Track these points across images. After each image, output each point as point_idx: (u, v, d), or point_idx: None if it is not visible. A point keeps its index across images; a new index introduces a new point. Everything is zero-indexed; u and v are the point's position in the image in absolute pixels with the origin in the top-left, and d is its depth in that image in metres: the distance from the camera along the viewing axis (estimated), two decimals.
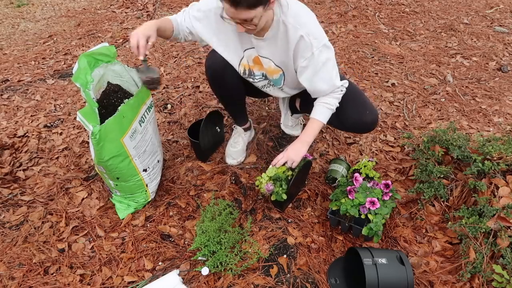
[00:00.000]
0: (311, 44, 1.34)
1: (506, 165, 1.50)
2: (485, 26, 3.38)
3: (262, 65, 1.53)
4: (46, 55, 3.10)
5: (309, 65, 1.40)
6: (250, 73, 1.58)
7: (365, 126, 1.60)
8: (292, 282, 1.37)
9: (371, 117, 1.55)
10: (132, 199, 1.64)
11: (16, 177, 1.83)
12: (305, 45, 1.35)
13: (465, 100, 2.41)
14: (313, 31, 1.35)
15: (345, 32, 3.30)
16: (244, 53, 1.52)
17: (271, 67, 1.51)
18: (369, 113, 1.55)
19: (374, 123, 1.57)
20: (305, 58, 1.38)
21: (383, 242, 1.51)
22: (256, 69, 1.56)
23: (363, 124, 1.57)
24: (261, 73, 1.58)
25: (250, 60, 1.54)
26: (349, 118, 1.57)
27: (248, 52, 1.51)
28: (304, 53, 1.37)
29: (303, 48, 1.36)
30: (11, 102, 2.45)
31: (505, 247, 1.29)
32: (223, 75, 1.58)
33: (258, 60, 1.52)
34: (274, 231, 1.57)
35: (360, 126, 1.61)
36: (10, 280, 1.39)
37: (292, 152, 1.53)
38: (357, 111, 1.55)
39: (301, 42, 1.35)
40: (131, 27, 3.52)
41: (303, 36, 1.33)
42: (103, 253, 1.50)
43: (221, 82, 1.63)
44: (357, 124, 1.58)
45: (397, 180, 1.79)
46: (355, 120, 1.57)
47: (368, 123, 1.57)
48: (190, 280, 1.39)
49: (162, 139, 2.07)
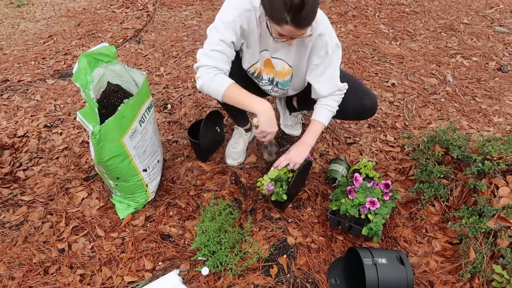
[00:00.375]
0: (327, 43, 1.36)
1: (506, 165, 1.50)
2: (485, 26, 3.38)
3: (273, 68, 1.52)
4: (46, 55, 3.10)
5: (321, 63, 1.42)
6: (258, 75, 1.58)
7: (365, 111, 1.63)
8: (292, 282, 1.37)
9: (370, 101, 1.58)
10: (132, 199, 1.64)
11: (16, 177, 1.83)
12: (321, 43, 1.37)
13: (465, 100, 2.41)
14: (328, 30, 1.37)
15: (345, 32, 3.30)
16: (260, 55, 1.50)
17: (284, 68, 1.51)
18: (368, 98, 1.57)
19: (373, 107, 1.60)
20: (319, 56, 1.40)
21: (383, 242, 1.51)
22: (265, 73, 1.56)
23: (363, 109, 1.60)
24: (268, 77, 1.57)
25: (262, 63, 1.53)
26: (349, 105, 1.58)
27: (262, 54, 1.49)
28: (319, 52, 1.39)
29: (320, 47, 1.38)
30: (11, 102, 2.45)
31: (505, 247, 1.29)
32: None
33: (269, 62, 1.51)
34: (274, 231, 1.57)
35: (360, 112, 1.63)
36: (10, 280, 1.39)
37: (295, 154, 1.54)
38: (356, 97, 1.57)
39: (318, 40, 1.36)
40: (131, 27, 3.52)
41: (321, 34, 1.35)
42: (103, 253, 1.50)
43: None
44: (357, 109, 1.60)
45: (397, 180, 1.79)
46: (354, 106, 1.59)
47: (367, 108, 1.60)
48: (190, 280, 1.39)
49: (162, 139, 2.07)
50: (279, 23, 1.16)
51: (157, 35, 3.38)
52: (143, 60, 2.95)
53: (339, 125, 2.17)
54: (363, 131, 2.13)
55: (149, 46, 3.17)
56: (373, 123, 2.18)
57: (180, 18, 3.69)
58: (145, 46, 3.17)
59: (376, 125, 2.17)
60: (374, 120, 2.21)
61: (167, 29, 3.49)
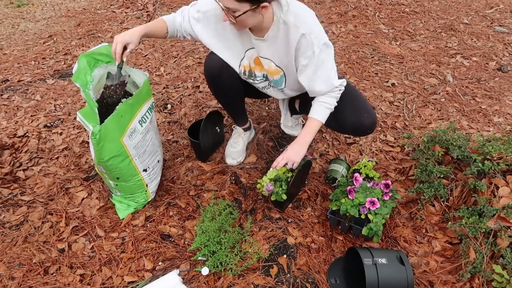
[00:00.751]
0: (312, 42, 1.34)
1: (506, 165, 1.50)
2: (485, 26, 3.38)
3: (263, 66, 1.53)
4: (46, 55, 3.10)
5: (309, 64, 1.40)
6: (250, 74, 1.58)
7: (363, 129, 1.60)
8: (292, 282, 1.37)
9: (369, 120, 1.55)
10: (132, 199, 1.64)
11: (16, 177, 1.83)
12: (306, 43, 1.35)
13: (465, 100, 2.41)
14: (314, 30, 1.35)
15: (345, 32, 3.30)
16: (246, 54, 1.51)
17: (271, 67, 1.51)
18: (367, 116, 1.54)
19: (372, 126, 1.57)
20: (306, 56, 1.38)
21: (383, 242, 1.51)
22: (257, 70, 1.56)
23: (361, 126, 1.57)
24: (262, 74, 1.57)
25: (252, 61, 1.53)
26: (347, 121, 1.57)
27: (250, 52, 1.50)
28: (305, 52, 1.37)
29: (305, 47, 1.36)
30: (11, 102, 2.45)
31: (505, 247, 1.29)
32: (220, 76, 1.58)
33: (259, 60, 1.51)
34: (274, 231, 1.57)
35: (358, 129, 1.61)
36: (10, 280, 1.39)
37: (292, 153, 1.52)
38: (355, 114, 1.55)
39: (303, 40, 1.34)
40: (131, 27, 3.52)
41: (305, 34, 1.33)
42: (103, 253, 1.50)
43: (218, 83, 1.63)
44: (355, 126, 1.58)
45: (397, 180, 1.79)
46: (353, 123, 1.56)
47: (366, 126, 1.57)
48: (190, 280, 1.39)
49: (162, 139, 2.07)
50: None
51: None
52: (143, 60, 2.95)
53: None
54: None
55: (149, 46, 3.17)
56: None
57: None
58: (145, 46, 3.17)
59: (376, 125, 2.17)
60: None
61: None
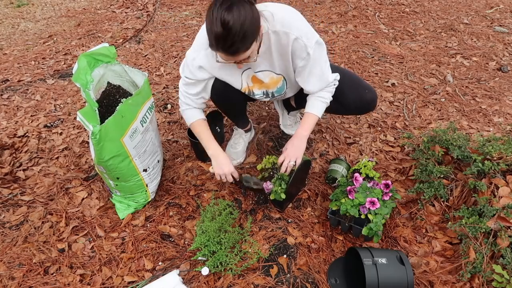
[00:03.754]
0: (306, 45, 1.35)
1: (506, 165, 1.50)
2: (485, 26, 3.38)
3: (262, 82, 1.52)
4: (46, 55, 3.10)
5: (306, 65, 1.41)
6: (250, 93, 1.59)
7: (366, 105, 1.66)
8: (292, 282, 1.37)
9: (370, 95, 1.62)
10: (132, 199, 1.64)
11: (16, 177, 1.83)
12: (300, 47, 1.36)
13: (465, 100, 2.41)
14: (304, 32, 1.35)
15: (345, 32, 3.30)
16: (242, 76, 1.51)
17: (273, 78, 1.51)
18: (368, 91, 1.63)
19: (373, 100, 1.64)
20: (302, 58, 1.39)
21: (383, 242, 1.51)
22: (256, 88, 1.56)
23: (364, 103, 1.64)
24: (261, 91, 1.58)
25: (249, 81, 1.53)
26: (350, 101, 1.63)
27: (246, 73, 1.50)
28: (301, 54, 1.38)
29: (299, 50, 1.37)
30: (11, 102, 2.45)
31: (505, 247, 1.29)
32: (227, 96, 1.60)
33: (256, 78, 1.51)
34: (274, 231, 1.57)
35: (362, 106, 1.67)
36: (10, 280, 1.39)
37: (292, 149, 1.53)
38: (356, 92, 1.62)
39: (296, 44, 1.35)
40: (131, 27, 3.52)
41: (297, 38, 1.33)
42: (103, 253, 1.50)
43: (225, 102, 1.66)
44: (359, 104, 1.65)
45: (397, 180, 1.79)
46: (355, 101, 1.63)
47: (368, 101, 1.64)
48: (190, 280, 1.39)
49: (162, 139, 2.07)
50: (215, 51, 1.21)
51: (157, 35, 3.38)
52: (143, 60, 2.95)
53: (339, 125, 2.17)
54: (363, 131, 2.13)
55: (149, 46, 3.17)
56: (373, 123, 2.19)
57: (180, 18, 3.69)
58: (145, 46, 3.17)
59: (376, 125, 2.17)
60: (374, 120, 2.21)
61: (167, 29, 3.49)
